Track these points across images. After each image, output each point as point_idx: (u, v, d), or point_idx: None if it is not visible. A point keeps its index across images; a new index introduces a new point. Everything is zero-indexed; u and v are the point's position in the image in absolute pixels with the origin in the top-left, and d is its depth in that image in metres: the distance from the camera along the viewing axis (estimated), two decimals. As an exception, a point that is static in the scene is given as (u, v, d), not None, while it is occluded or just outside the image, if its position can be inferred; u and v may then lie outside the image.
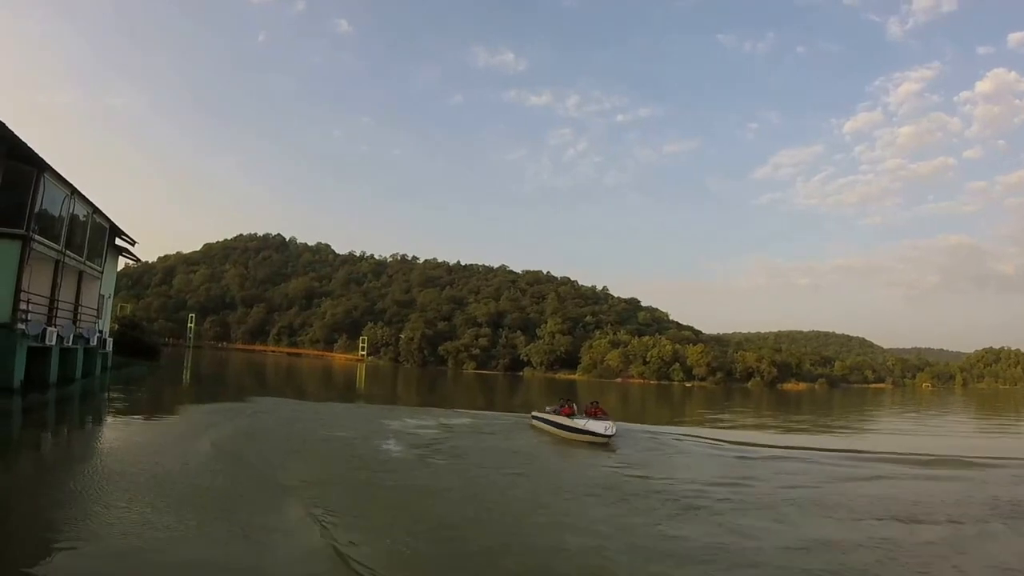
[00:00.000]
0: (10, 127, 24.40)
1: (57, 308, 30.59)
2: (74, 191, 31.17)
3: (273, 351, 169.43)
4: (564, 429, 25.09)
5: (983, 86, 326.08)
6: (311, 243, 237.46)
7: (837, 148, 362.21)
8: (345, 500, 12.71)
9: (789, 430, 40.03)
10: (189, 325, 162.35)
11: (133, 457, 15.07)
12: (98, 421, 21.58)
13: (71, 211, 31.50)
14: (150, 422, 22.11)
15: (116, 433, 19.79)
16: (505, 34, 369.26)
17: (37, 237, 27.34)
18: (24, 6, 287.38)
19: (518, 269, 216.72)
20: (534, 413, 29.09)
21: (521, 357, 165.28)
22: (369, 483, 14.80)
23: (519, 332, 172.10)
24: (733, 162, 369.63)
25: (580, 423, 24.51)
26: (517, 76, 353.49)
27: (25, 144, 25.41)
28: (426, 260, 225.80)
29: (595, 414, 26.10)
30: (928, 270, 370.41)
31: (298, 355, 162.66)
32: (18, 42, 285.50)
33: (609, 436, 23.24)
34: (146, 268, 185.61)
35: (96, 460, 15.34)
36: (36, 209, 27.14)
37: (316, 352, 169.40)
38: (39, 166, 26.91)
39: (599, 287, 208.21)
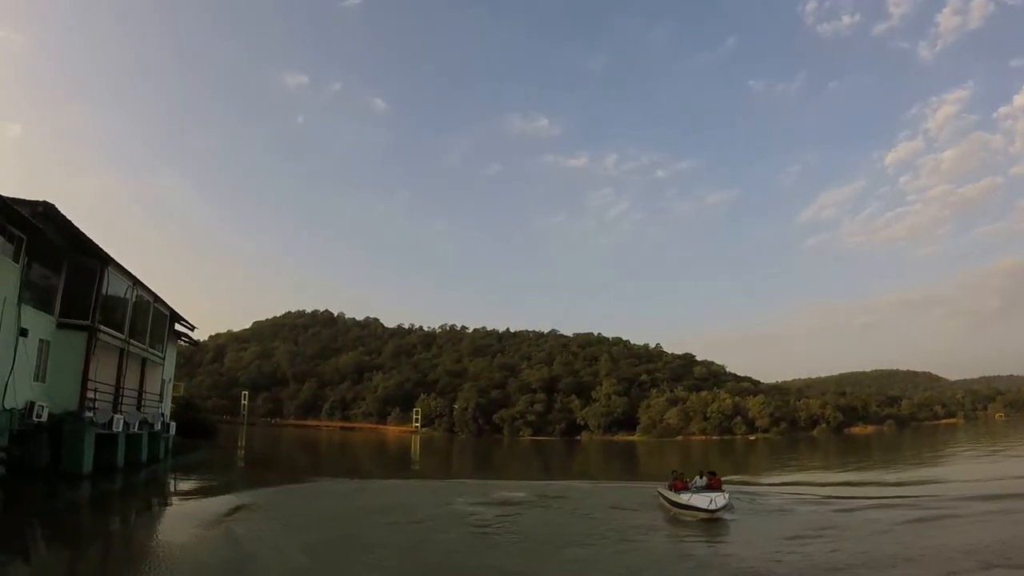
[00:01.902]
0: (75, 224, 25.54)
1: (122, 395, 31.42)
2: (136, 281, 32.29)
3: (326, 426, 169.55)
4: (673, 505, 23.29)
5: (1021, 99, 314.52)
6: (359, 318, 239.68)
7: (881, 181, 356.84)
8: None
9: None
10: (242, 402, 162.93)
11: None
12: (168, 514, 21.37)
13: (134, 300, 32.57)
14: (221, 512, 21.57)
15: (187, 531, 18.54)
16: (537, 100, 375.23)
17: (102, 327, 28.29)
18: (74, 94, 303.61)
19: (568, 332, 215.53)
20: (658, 489, 26.43)
21: (578, 421, 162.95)
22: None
23: (574, 396, 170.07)
24: (776, 208, 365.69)
25: (684, 498, 22.81)
26: (552, 140, 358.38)
27: (88, 238, 26.52)
28: (475, 329, 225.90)
29: (711, 485, 24.17)
30: (988, 295, 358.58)
31: (351, 429, 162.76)
32: (69, 128, 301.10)
33: (714, 511, 21.22)
34: (197, 347, 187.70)
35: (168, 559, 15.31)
36: (100, 300, 28.14)
37: (369, 425, 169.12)
38: (102, 259, 28.01)
39: (652, 345, 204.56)
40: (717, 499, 21.74)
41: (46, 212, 24.16)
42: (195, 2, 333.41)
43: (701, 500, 21.88)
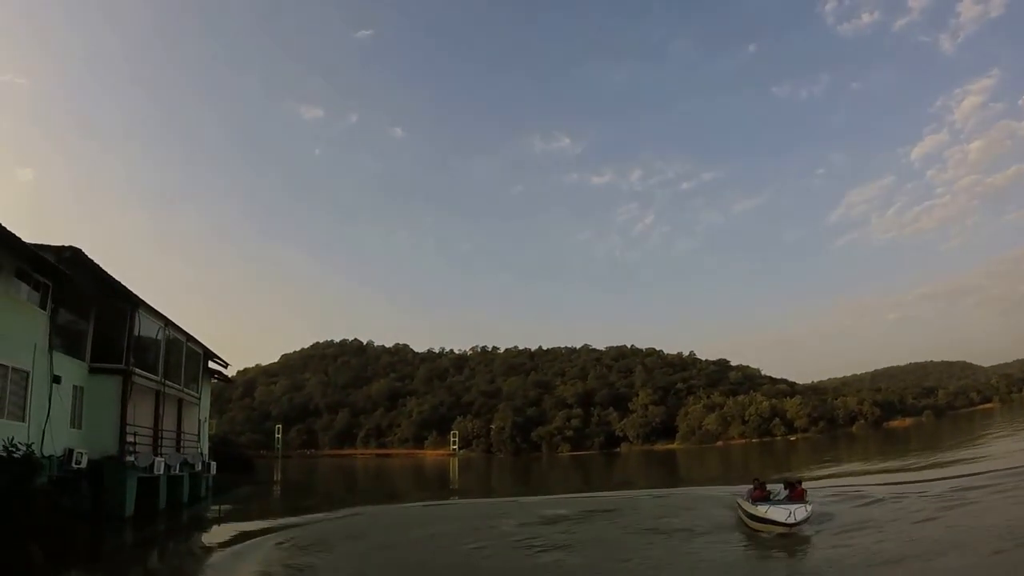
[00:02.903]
0: (105, 269, 25.55)
1: (161, 437, 31.33)
2: (167, 322, 32.28)
3: (362, 454, 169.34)
4: (750, 518, 21.22)
5: None
6: (388, 344, 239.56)
7: (908, 176, 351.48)
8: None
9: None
10: (276, 436, 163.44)
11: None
12: (218, 553, 20.72)
13: (166, 341, 32.55)
14: (271, 547, 20.94)
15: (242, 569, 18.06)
16: (558, 120, 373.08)
17: (137, 370, 28.23)
18: (87, 135, 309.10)
19: (601, 346, 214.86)
20: (737, 500, 24.21)
21: (616, 433, 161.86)
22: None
23: (611, 408, 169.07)
24: (805, 210, 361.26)
25: (761, 510, 20.60)
26: (575, 159, 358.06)
27: (117, 282, 26.53)
28: (507, 349, 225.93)
29: (792, 496, 22.09)
30: (1018, 280, 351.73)
31: (388, 456, 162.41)
32: (84, 170, 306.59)
33: (792, 525, 19.22)
34: (227, 383, 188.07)
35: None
36: (133, 343, 28.11)
37: (406, 451, 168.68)
38: (132, 302, 28.01)
39: (685, 353, 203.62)
40: (797, 512, 19.75)
41: (73, 257, 24.17)
42: (206, 39, 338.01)
43: (779, 513, 19.90)
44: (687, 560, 16.94)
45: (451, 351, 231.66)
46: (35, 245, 21.37)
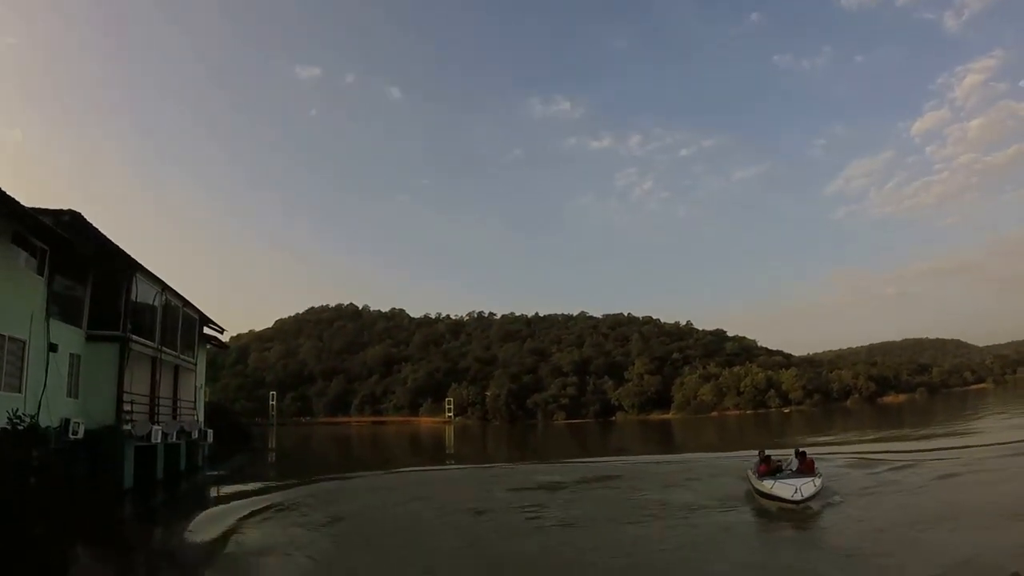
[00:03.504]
0: (100, 230, 24.79)
1: (158, 405, 30.75)
2: (165, 287, 31.55)
3: (357, 421, 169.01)
4: (758, 494, 20.14)
5: None
6: (384, 310, 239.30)
7: (908, 151, 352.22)
8: None
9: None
10: (271, 403, 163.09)
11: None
12: (217, 522, 20.32)
13: (163, 307, 31.86)
14: (269, 514, 20.94)
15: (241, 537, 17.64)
16: (558, 83, 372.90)
17: (134, 337, 27.56)
18: (79, 97, 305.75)
19: (597, 314, 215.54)
20: (748, 472, 22.96)
21: (612, 402, 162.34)
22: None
23: (606, 377, 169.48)
24: (804, 181, 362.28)
25: (767, 485, 19.56)
26: (575, 123, 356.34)
27: (116, 246, 25.76)
28: (503, 315, 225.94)
29: (801, 469, 21.08)
30: (1016, 260, 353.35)
31: (383, 423, 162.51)
32: (76, 132, 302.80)
33: (799, 501, 18.02)
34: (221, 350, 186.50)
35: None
36: (130, 309, 27.40)
37: (401, 418, 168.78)
38: (131, 266, 27.23)
39: (682, 322, 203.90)
40: (804, 487, 18.54)
41: (72, 221, 23.42)
42: None
43: (784, 489, 18.67)
44: (691, 533, 16.46)
45: (447, 316, 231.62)
46: (33, 209, 20.54)
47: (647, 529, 16.97)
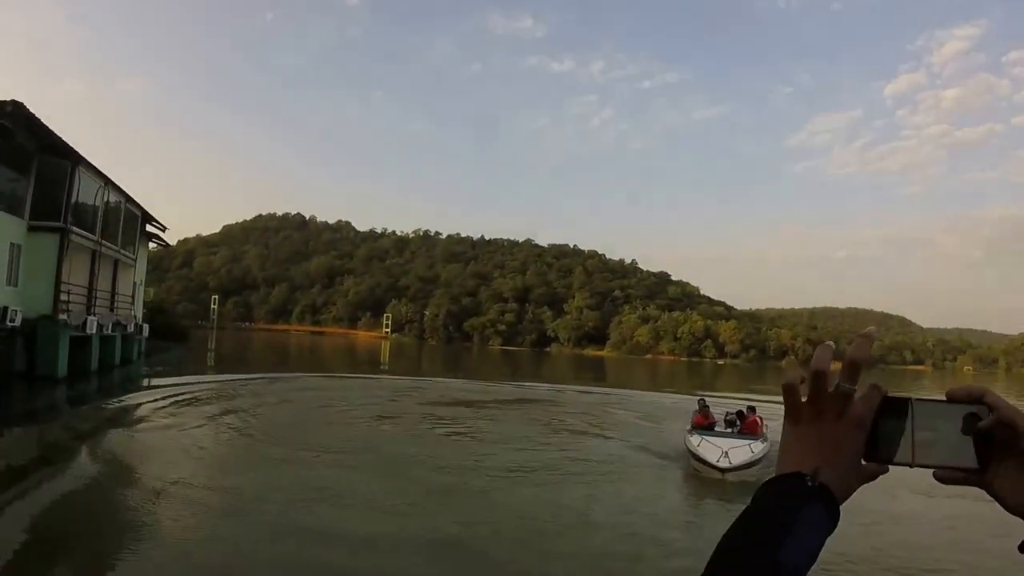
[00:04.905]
0: (44, 122, 24.75)
1: (96, 297, 31.14)
2: (107, 181, 31.51)
3: (296, 330, 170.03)
4: (689, 452, 16.29)
5: None
6: (331, 221, 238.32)
7: (877, 113, 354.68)
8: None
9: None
10: (212, 307, 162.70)
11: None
12: (145, 410, 21.49)
13: (105, 201, 31.92)
14: (188, 403, 22.11)
15: (166, 422, 18.86)
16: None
17: (74, 229, 27.75)
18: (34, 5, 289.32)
19: (544, 243, 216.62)
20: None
21: (548, 333, 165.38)
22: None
23: (546, 307, 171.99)
24: (766, 128, 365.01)
25: (694, 442, 16.17)
26: (537, 42, 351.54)
27: (59, 138, 25.74)
28: (449, 235, 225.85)
29: (744, 427, 17.80)
30: (973, 243, 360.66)
31: (321, 334, 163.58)
32: (30, 38, 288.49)
33: (724, 469, 14.66)
34: (165, 251, 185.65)
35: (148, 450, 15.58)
36: (72, 202, 27.55)
37: (340, 330, 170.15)
38: (73, 159, 27.26)
39: (628, 260, 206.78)
40: (735, 452, 15.17)
41: (15, 111, 23.32)
42: None
43: (711, 451, 15.33)
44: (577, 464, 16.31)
45: (393, 232, 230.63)
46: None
47: (531, 455, 17.00)
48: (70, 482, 11.39)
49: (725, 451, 15.02)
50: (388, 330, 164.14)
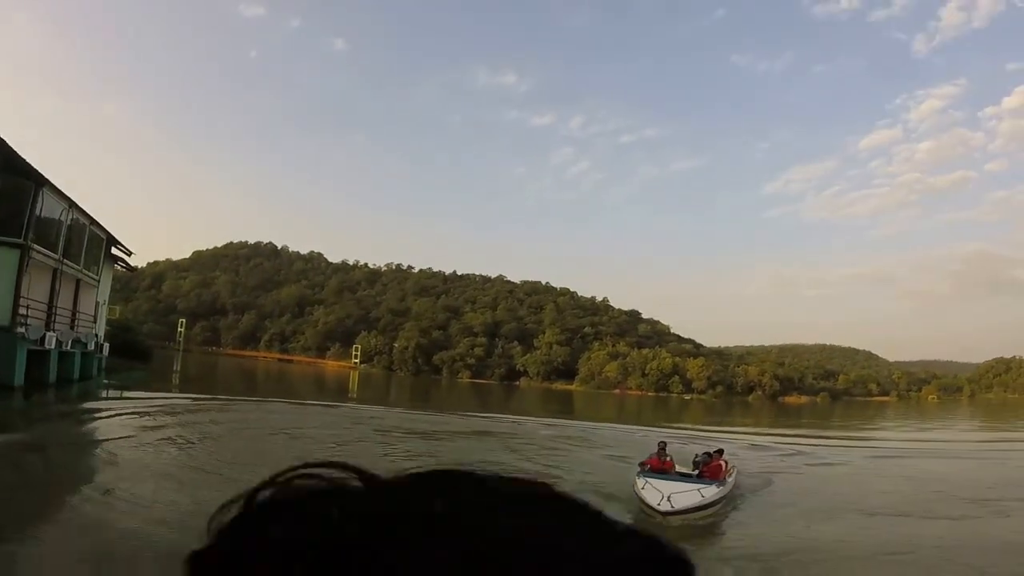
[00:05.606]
0: (9, 143, 25.80)
1: (56, 314, 31.92)
2: (72, 204, 32.52)
3: (264, 357, 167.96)
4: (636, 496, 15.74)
5: (1011, 101, 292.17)
6: (303, 251, 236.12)
7: (852, 164, 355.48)
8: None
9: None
10: (179, 329, 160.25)
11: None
12: (96, 423, 22.35)
13: (69, 222, 32.82)
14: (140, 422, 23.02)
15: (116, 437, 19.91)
16: (508, 54, 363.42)
17: (35, 246, 28.66)
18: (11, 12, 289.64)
19: (516, 279, 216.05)
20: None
21: (517, 367, 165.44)
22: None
23: (516, 342, 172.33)
24: (742, 179, 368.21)
25: (639, 484, 15.85)
26: (519, 97, 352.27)
27: (23, 160, 26.78)
28: (421, 270, 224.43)
29: (704, 473, 17.18)
30: (941, 278, 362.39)
31: (289, 361, 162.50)
32: (9, 50, 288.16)
33: (664, 512, 14.35)
34: (133, 274, 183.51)
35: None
36: (34, 220, 28.47)
37: (308, 359, 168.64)
38: (37, 181, 28.26)
39: (599, 298, 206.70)
40: (679, 496, 14.84)
41: (-19, 131, 24.36)
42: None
43: (651, 495, 15.05)
44: None
45: (365, 264, 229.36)
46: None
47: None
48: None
49: (666, 495, 14.66)
50: (357, 360, 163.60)
